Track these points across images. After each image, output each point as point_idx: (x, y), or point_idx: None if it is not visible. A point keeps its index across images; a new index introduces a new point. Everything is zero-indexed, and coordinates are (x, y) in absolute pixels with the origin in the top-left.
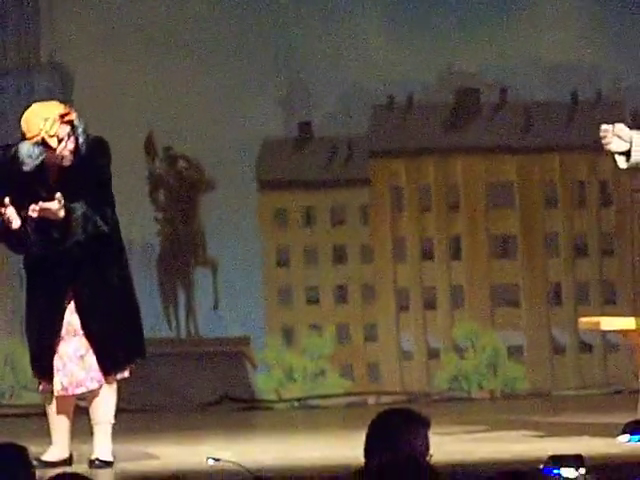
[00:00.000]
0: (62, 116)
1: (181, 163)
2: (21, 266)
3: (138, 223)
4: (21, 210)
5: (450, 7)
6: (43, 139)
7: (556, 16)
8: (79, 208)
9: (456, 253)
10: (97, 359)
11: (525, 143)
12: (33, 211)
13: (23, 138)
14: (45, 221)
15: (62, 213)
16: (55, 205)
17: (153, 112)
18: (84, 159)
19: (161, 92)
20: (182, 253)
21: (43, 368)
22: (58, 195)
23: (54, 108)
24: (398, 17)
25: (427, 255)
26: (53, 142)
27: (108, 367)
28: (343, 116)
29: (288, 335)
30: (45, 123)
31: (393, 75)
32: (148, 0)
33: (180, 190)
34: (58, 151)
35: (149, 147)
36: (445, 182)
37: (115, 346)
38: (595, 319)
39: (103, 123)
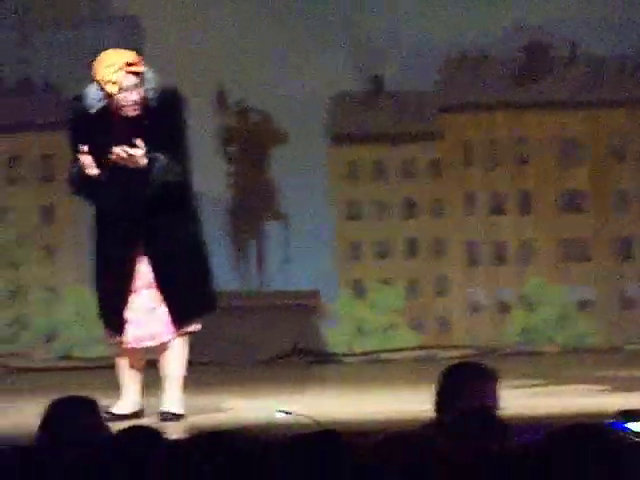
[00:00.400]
0: (128, 64)
1: (252, 116)
2: (91, 214)
3: (209, 176)
4: (99, 159)
5: None
6: (102, 84)
7: None
8: (160, 157)
9: (526, 207)
10: (169, 312)
11: (595, 97)
12: (115, 155)
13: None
14: (125, 170)
15: (144, 160)
16: (138, 152)
17: (224, 65)
18: (158, 111)
19: (232, 45)
20: (253, 206)
21: (114, 320)
22: (139, 142)
23: (122, 56)
24: None
25: (497, 209)
26: (111, 89)
27: (180, 320)
28: (414, 70)
29: (358, 289)
30: (108, 69)
31: (463, 29)
32: None
33: (251, 143)
34: (117, 100)
35: (220, 100)
36: (515, 136)
37: (187, 299)
38: None
39: (174, 76)
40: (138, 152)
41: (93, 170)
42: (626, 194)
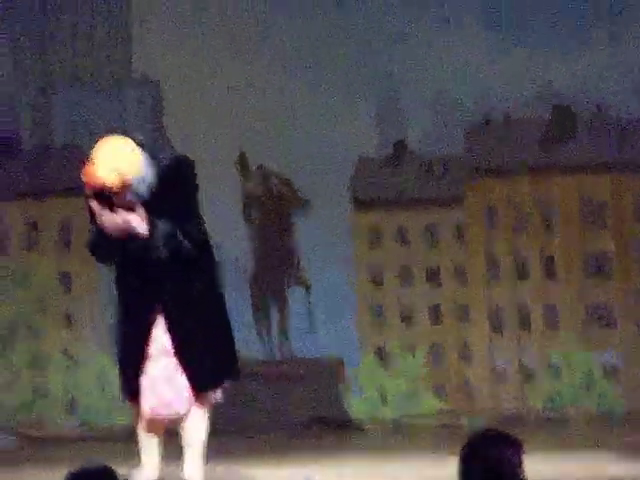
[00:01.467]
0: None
1: (274, 181)
2: (113, 284)
3: (231, 241)
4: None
5: (545, 25)
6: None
7: None
8: (162, 224)
9: (550, 272)
10: (187, 380)
11: (620, 160)
12: (112, 221)
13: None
14: (129, 235)
15: (144, 228)
16: (137, 219)
17: (245, 129)
18: (164, 180)
19: (253, 110)
20: (276, 272)
21: (131, 388)
22: (140, 209)
23: (112, 163)
24: (493, 35)
25: (521, 274)
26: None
27: (198, 388)
28: (438, 134)
29: (382, 355)
30: (107, 180)
31: (488, 92)
32: (239, 16)
33: (274, 208)
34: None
35: (242, 165)
36: (540, 200)
37: (206, 366)
38: None
39: (194, 140)
40: (136, 219)
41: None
42: None
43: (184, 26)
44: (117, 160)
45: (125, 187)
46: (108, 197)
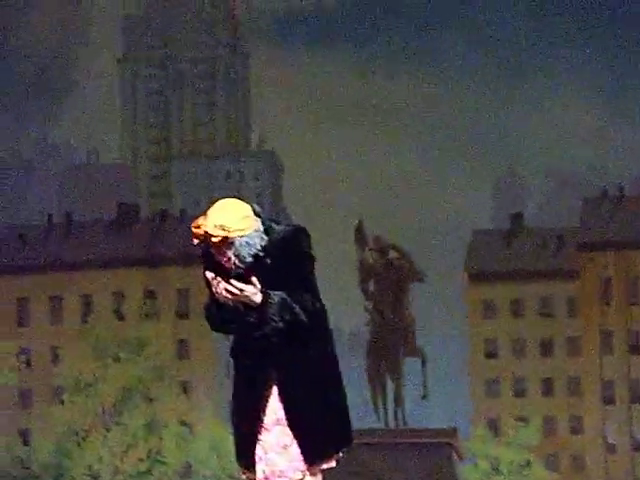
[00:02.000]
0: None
1: (391, 253)
2: (228, 353)
3: (348, 312)
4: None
5: None
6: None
7: None
8: (277, 295)
9: None
10: (301, 449)
11: None
12: (225, 290)
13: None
14: (243, 305)
15: (258, 298)
16: (251, 289)
17: (363, 200)
18: (280, 250)
19: (371, 181)
20: (391, 342)
21: (246, 456)
22: (254, 279)
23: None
24: (612, 112)
25: (634, 348)
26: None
27: (312, 457)
28: (554, 208)
29: (494, 426)
30: (209, 229)
31: (605, 168)
32: (355, 87)
33: (390, 279)
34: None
35: (359, 236)
36: None
37: (320, 436)
38: None
39: (312, 211)
40: (250, 289)
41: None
42: None
43: (302, 98)
44: (225, 216)
45: (226, 243)
46: (224, 267)
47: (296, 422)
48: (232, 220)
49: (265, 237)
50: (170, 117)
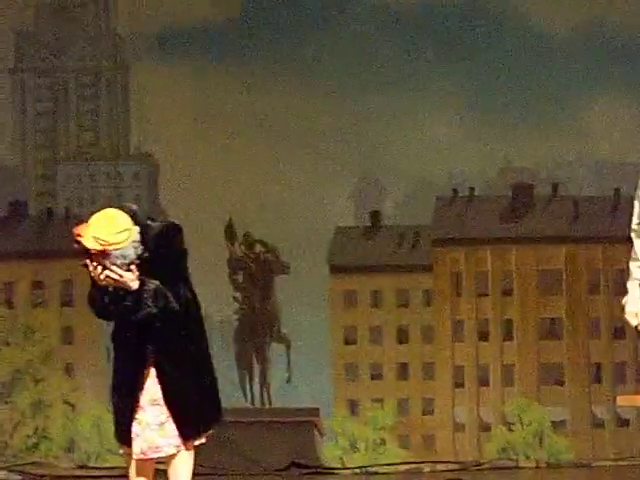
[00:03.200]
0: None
1: (259, 247)
2: (109, 338)
3: (218, 301)
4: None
5: (510, 107)
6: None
7: (605, 117)
8: (152, 284)
9: (508, 334)
10: (177, 427)
11: (572, 234)
12: (106, 277)
13: None
14: (121, 290)
15: (135, 284)
16: (129, 275)
17: (233, 199)
18: (155, 244)
19: (241, 180)
20: (258, 330)
21: (124, 433)
22: (133, 267)
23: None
24: (462, 116)
25: (482, 336)
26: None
27: (187, 434)
28: (410, 207)
29: (353, 407)
30: (87, 244)
31: (456, 169)
32: (232, 94)
33: (258, 272)
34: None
35: (229, 232)
36: (500, 269)
37: (194, 415)
38: (632, 396)
39: (187, 209)
40: (128, 275)
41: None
42: (598, 323)
43: (181, 107)
44: (103, 230)
45: (103, 254)
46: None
47: (172, 401)
48: (109, 234)
49: (141, 246)
50: (57, 123)
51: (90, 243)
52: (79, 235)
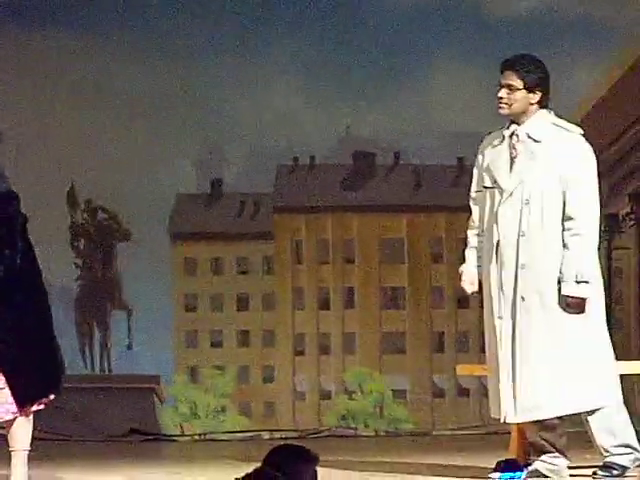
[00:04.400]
0: None
1: (100, 214)
2: None
3: (59, 268)
4: None
5: (352, 75)
6: None
7: (446, 87)
8: None
9: (350, 303)
10: (12, 393)
11: (415, 203)
12: None
13: None
14: None
15: None
16: None
17: (75, 166)
18: None
19: (82, 147)
20: (99, 296)
21: None
22: None
23: None
24: (304, 85)
25: (323, 304)
26: None
27: (23, 400)
28: (251, 175)
29: (194, 374)
30: None
31: (296, 137)
32: (74, 58)
33: (99, 239)
34: None
35: (71, 199)
36: (342, 237)
37: (31, 381)
38: (471, 366)
39: (28, 175)
40: None
41: None
42: (441, 292)
43: (21, 71)
44: None
45: None
46: None
47: (8, 368)
48: None
49: None
50: None
51: None
52: None
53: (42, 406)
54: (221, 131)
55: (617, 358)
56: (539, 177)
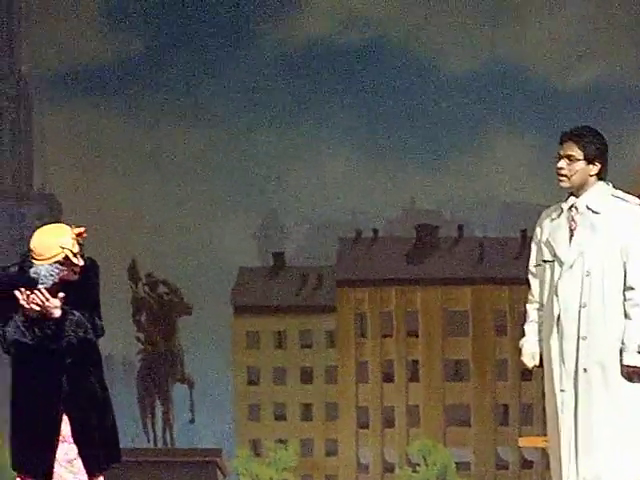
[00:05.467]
0: (78, 235)
1: (162, 288)
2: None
3: (120, 341)
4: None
5: (413, 148)
6: (67, 257)
7: (508, 160)
8: (75, 313)
9: (414, 375)
10: (84, 463)
11: (478, 275)
12: (32, 301)
13: (32, 258)
14: (43, 316)
15: (58, 312)
16: (56, 302)
17: (137, 240)
18: (83, 273)
19: (144, 221)
20: (161, 370)
21: (40, 468)
22: (61, 294)
23: (67, 229)
24: (365, 157)
25: (387, 377)
26: (77, 260)
27: (93, 470)
28: (313, 247)
29: (256, 447)
30: (66, 242)
31: (359, 210)
32: (130, 134)
33: (160, 312)
34: (72, 267)
35: (132, 272)
36: (405, 310)
37: (98, 452)
38: (533, 438)
39: (89, 250)
40: (55, 302)
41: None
42: (505, 365)
43: (82, 146)
44: (64, 228)
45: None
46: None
47: (80, 439)
48: (38, 245)
49: (64, 269)
50: None
51: (71, 244)
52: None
53: (101, 478)
54: (282, 204)
55: None
56: (599, 249)
